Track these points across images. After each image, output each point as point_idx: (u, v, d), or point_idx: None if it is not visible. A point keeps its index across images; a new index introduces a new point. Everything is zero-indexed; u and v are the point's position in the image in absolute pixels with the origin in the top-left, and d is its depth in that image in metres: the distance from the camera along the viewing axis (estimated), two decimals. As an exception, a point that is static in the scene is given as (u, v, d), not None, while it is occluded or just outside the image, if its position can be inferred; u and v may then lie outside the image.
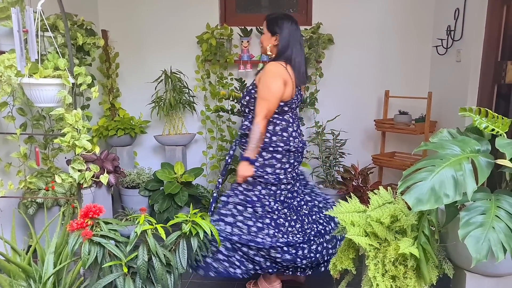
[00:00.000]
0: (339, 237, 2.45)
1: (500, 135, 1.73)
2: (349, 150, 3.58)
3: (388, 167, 3.62)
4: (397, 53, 3.74)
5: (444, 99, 3.44)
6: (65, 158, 3.09)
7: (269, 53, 2.38)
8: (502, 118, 1.76)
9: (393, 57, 3.75)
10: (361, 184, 3.46)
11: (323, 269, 2.44)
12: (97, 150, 2.37)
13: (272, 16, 2.34)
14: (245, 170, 2.26)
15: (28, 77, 2.08)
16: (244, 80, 3.60)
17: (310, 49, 3.60)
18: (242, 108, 2.44)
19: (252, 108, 2.33)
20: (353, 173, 3.51)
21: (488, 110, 1.76)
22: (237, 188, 2.34)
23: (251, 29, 3.68)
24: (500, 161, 1.32)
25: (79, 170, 2.29)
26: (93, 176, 2.37)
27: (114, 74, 3.83)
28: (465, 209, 1.60)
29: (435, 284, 1.80)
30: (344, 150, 3.56)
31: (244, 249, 2.26)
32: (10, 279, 1.86)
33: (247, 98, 2.35)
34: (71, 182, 2.34)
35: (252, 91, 2.33)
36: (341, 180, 3.54)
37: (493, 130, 1.75)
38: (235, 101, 3.57)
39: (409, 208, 1.69)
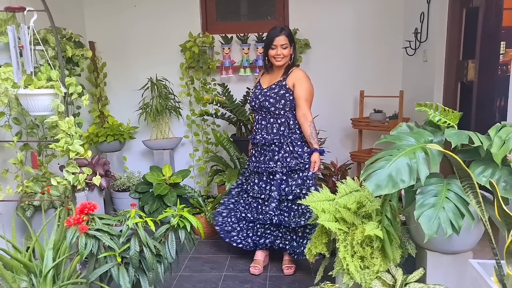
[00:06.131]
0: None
1: (452, 126, 1.95)
2: (328, 148, 3.77)
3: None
4: (370, 55, 3.96)
5: (415, 97, 3.66)
6: (58, 164, 3.24)
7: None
8: (453, 112, 1.98)
9: (367, 59, 3.97)
10: (340, 180, 3.66)
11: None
12: (89, 154, 2.54)
13: (288, 29, 2.70)
14: (318, 160, 2.66)
15: (24, 88, 2.25)
16: (227, 85, 3.78)
17: (288, 53, 3.80)
18: (277, 112, 2.68)
19: (287, 109, 2.67)
20: (332, 169, 3.72)
21: (439, 104, 1.98)
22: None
23: (231, 36, 3.88)
24: (430, 145, 1.53)
25: (73, 173, 2.45)
26: (85, 179, 2.54)
27: (102, 83, 3.99)
28: (420, 193, 1.81)
29: (399, 262, 2.01)
30: (324, 148, 3.76)
31: None
32: (13, 275, 2.02)
33: (283, 101, 2.65)
34: (65, 184, 2.51)
35: (287, 94, 2.66)
36: (322, 177, 3.74)
37: (445, 122, 1.97)
38: (219, 105, 3.75)
39: (373, 195, 1.89)
